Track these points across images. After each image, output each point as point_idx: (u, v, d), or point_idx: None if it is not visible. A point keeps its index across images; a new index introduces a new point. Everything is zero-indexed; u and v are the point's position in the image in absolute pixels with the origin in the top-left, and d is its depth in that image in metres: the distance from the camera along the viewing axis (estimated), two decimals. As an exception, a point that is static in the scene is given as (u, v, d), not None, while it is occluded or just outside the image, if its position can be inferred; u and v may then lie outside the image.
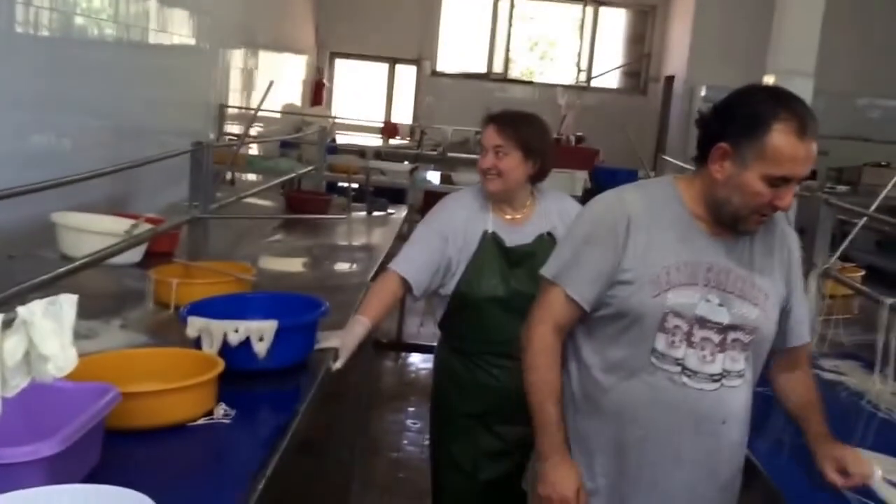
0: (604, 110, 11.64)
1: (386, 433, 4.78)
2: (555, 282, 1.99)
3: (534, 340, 2.03)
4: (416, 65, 12.96)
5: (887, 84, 11.04)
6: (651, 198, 1.97)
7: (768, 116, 1.79)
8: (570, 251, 1.99)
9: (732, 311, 1.92)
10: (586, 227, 1.99)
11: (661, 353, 1.90)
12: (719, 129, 1.88)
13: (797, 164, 1.80)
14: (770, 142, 1.78)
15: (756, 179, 1.82)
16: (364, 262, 4.30)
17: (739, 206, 1.86)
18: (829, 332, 3.12)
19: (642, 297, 1.89)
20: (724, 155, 1.86)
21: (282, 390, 2.29)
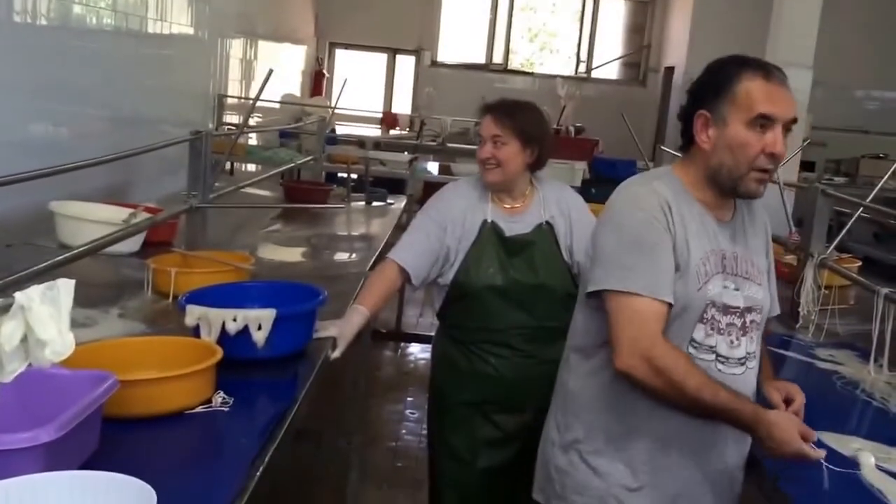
0: (603, 101, 11.63)
1: (384, 423, 4.79)
2: (648, 295, 1.82)
3: (663, 358, 1.80)
4: (415, 55, 12.94)
5: (885, 76, 11.05)
6: (668, 185, 1.95)
7: (733, 71, 1.87)
8: (640, 257, 1.85)
9: (745, 295, 1.95)
10: (641, 225, 1.87)
11: (698, 343, 1.90)
12: (695, 102, 1.93)
13: (772, 102, 1.84)
14: (740, 90, 1.85)
15: (740, 129, 1.85)
16: (363, 252, 4.31)
17: (734, 165, 1.88)
18: (825, 321, 3.13)
19: (688, 290, 1.87)
20: (705, 122, 1.90)
21: (280, 379, 2.30)
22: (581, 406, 2.02)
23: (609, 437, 1.98)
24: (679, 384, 1.78)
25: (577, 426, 2.02)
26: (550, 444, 2.10)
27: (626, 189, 1.97)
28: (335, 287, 3.30)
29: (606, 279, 1.87)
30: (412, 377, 5.66)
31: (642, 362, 1.79)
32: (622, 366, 1.82)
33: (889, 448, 2.12)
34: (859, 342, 2.99)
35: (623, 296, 1.84)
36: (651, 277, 1.83)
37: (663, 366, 1.78)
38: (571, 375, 2.06)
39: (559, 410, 2.10)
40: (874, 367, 2.70)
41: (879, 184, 3.26)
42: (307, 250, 4.26)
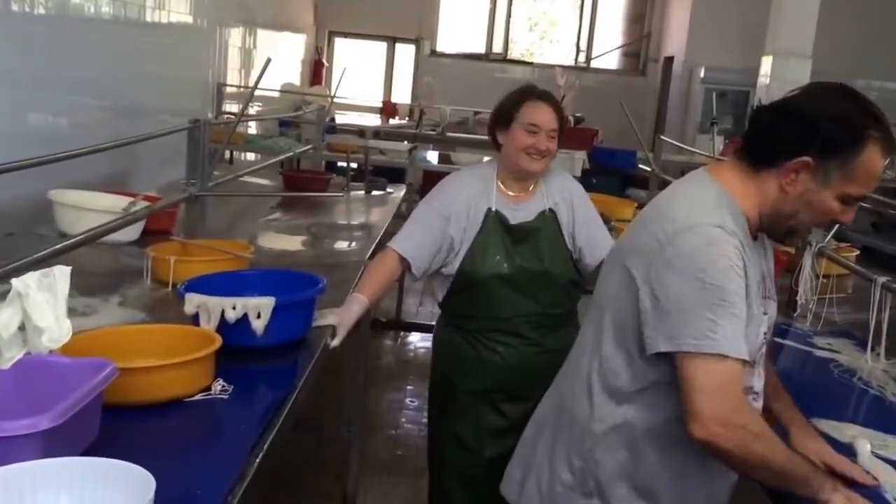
0: (603, 91, 11.61)
1: (385, 411, 4.80)
2: (731, 356, 1.62)
3: (753, 423, 1.65)
4: (415, 44, 12.92)
5: (885, 67, 11.03)
6: (735, 221, 1.72)
7: (863, 133, 1.64)
8: (723, 312, 1.63)
9: (769, 316, 1.85)
10: (724, 276, 1.64)
11: (755, 392, 1.83)
12: (798, 137, 1.68)
13: (875, 182, 1.69)
14: (861, 163, 1.64)
15: (832, 199, 1.68)
16: (362, 241, 4.31)
17: (804, 223, 1.75)
18: (823, 310, 3.14)
19: (753, 340, 1.73)
20: (804, 168, 1.68)
21: (279, 367, 2.30)
22: (609, 450, 1.84)
23: (637, 481, 1.83)
24: (769, 452, 1.65)
25: (603, 472, 1.85)
26: (560, 484, 1.92)
27: (699, 227, 1.68)
28: (335, 275, 3.31)
29: (684, 338, 1.64)
30: (412, 366, 5.67)
31: (728, 430, 1.61)
32: (702, 435, 1.62)
33: (885, 435, 2.13)
34: (857, 331, 2.99)
35: (705, 358, 1.62)
36: (736, 336, 1.63)
37: (755, 433, 1.63)
38: (596, 417, 1.85)
39: (573, 451, 1.90)
40: (871, 356, 2.71)
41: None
42: (306, 239, 4.26)
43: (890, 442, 2.10)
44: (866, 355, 2.72)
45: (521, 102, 2.79)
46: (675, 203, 1.79)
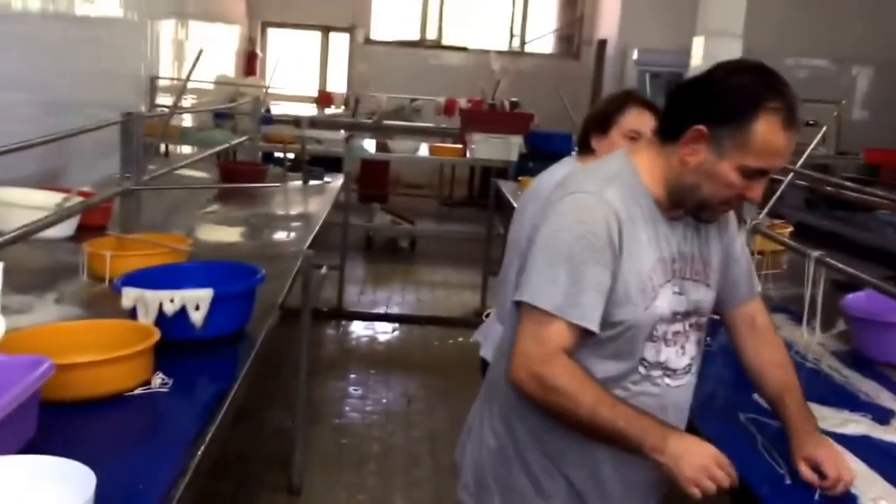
0: (538, 75, 11.67)
1: (328, 401, 4.78)
2: (556, 314, 1.67)
3: (555, 377, 1.67)
4: (349, 33, 12.84)
5: (813, 43, 11.27)
6: (623, 189, 1.74)
7: (755, 106, 1.63)
8: (564, 273, 1.68)
9: (689, 298, 1.83)
10: (577, 240, 1.68)
11: (649, 363, 1.79)
12: (697, 107, 1.70)
13: (778, 157, 1.67)
14: (754, 133, 1.63)
15: (732, 170, 1.67)
16: (301, 231, 4.30)
17: (709, 195, 1.72)
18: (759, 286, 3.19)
19: (635, 310, 1.73)
20: (699, 138, 1.68)
21: (219, 359, 2.29)
22: (522, 416, 1.85)
23: (550, 451, 1.83)
24: (571, 403, 1.66)
25: (519, 437, 1.86)
26: (487, 449, 1.93)
27: (576, 193, 1.74)
28: (274, 266, 3.28)
29: (526, 289, 1.71)
30: (355, 355, 5.66)
31: (531, 378, 1.68)
32: (512, 378, 1.72)
33: (822, 408, 2.17)
34: (793, 306, 3.05)
35: (533, 309, 1.69)
36: (570, 297, 1.67)
37: (553, 385, 1.66)
38: (510, 382, 1.81)
39: (496, 416, 1.92)
40: (807, 330, 2.76)
41: (808, 150, 3.33)
42: (245, 230, 4.23)
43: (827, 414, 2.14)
44: (802, 330, 2.78)
45: (625, 107, 2.67)
46: (577, 173, 1.85)
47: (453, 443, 2.12)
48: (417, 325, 6.34)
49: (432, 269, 8.12)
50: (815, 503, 1.74)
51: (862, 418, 2.16)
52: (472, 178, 10.83)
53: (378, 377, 5.24)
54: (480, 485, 1.94)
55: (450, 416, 4.60)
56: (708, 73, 1.73)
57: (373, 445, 4.29)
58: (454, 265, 8.05)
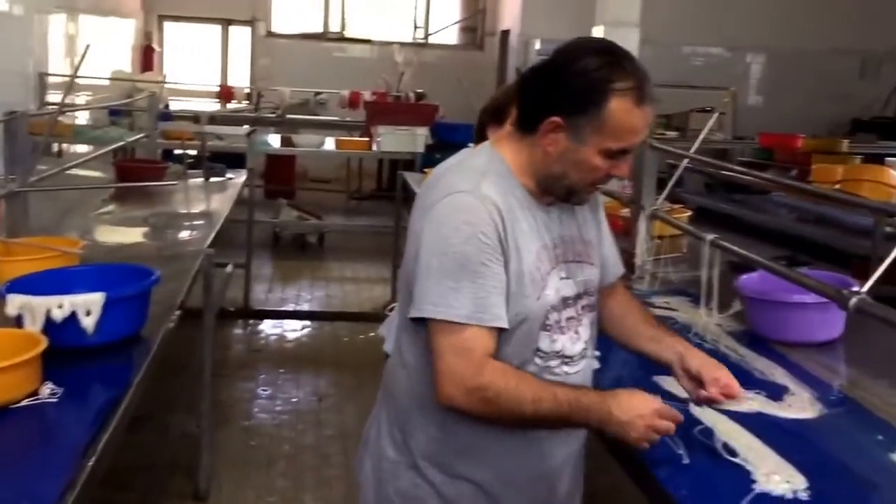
0: (442, 66, 11.68)
1: (236, 402, 4.70)
2: (470, 323, 1.64)
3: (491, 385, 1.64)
4: (250, 26, 12.64)
5: (708, 32, 11.54)
6: (496, 181, 1.73)
7: (605, 88, 1.63)
8: (465, 279, 1.64)
9: (577, 280, 1.83)
10: (467, 243, 1.65)
11: (544, 352, 1.77)
12: (549, 99, 1.69)
13: (636, 134, 1.68)
14: (609, 116, 1.64)
15: (594, 155, 1.68)
16: (203, 229, 4.22)
17: (576, 181, 1.73)
18: (658, 270, 3.24)
19: (527, 301, 1.71)
20: (556, 128, 1.68)
21: (114, 365, 2.23)
22: (421, 425, 1.81)
23: (453, 456, 1.80)
24: (515, 405, 1.65)
25: (419, 446, 1.82)
26: (386, 461, 1.87)
27: (453, 195, 1.70)
28: (173, 266, 3.22)
29: (427, 304, 1.66)
30: (264, 354, 5.57)
31: (466, 394, 1.64)
32: (443, 400, 1.66)
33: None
34: (691, 288, 3.10)
35: (445, 324, 1.64)
36: (478, 302, 1.64)
37: (493, 394, 1.64)
38: (409, 392, 1.83)
39: (394, 427, 1.87)
40: (705, 311, 2.80)
41: (701, 135, 3.38)
42: (145, 231, 4.13)
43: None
44: (700, 311, 2.82)
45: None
46: (447, 172, 1.81)
47: (365, 439, 2.08)
48: (327, 322, 6.27)
49: (341, 265, 8.05)
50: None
51: (756, 395, 2.19)
52: (381, 171, 10.78)
53: (288, 376, 5.17)
54: (381, 498, 1.89)
55: (361, 413, 4.54)
56: (552, 59, 1.71)
57: (283, 446, 4.22)
58: (363, 259, 7.99)
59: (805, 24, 11.27)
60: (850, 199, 3.97)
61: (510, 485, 1.82)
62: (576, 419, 1.69)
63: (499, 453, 1.79)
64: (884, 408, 2.19)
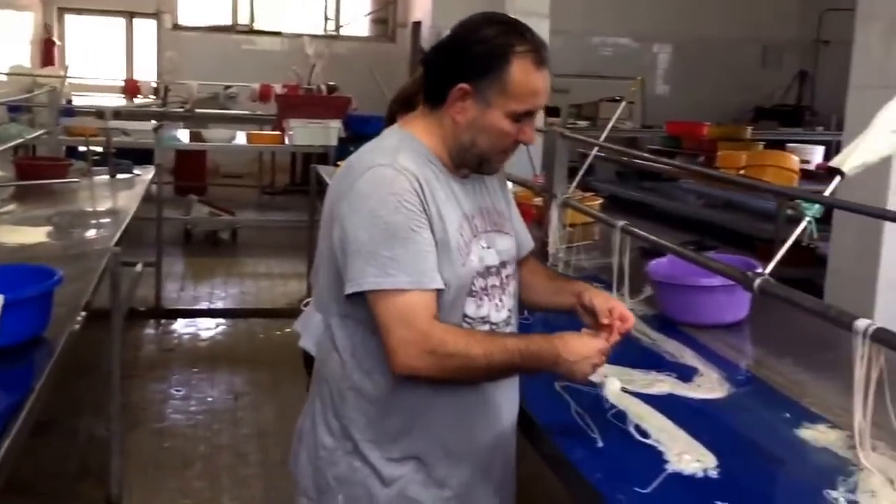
0: (354, 58, 11.60)
1: (149, 404, 4.59)
2: (411, 288, 1.69)
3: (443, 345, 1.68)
4: (155, 19, 12.37)
5: (616, 23, 11.71)
6: (412, 155, 1.80)
7: (505, 52, 1.74)
8: (399, 248, 1.70)
9: (498, 249, 1.90)
10: (395, 213, 1.71)
11: (471, 318, 1.83)
12: (455, 68, 1.78)
13: (538, 96, 1.78)
14: (511, 77, 1.74)
15: (501, 118, 1.77)
16: (110, 228, 4.11)
17: (486, 148, 1.81)
18: (571, 258, 3.27)
19: (454, 268, 1.77)
20: (464, 96, 1.77)
21: (14, 369, 2.15)
22: (357, 407, 1.84)
23: (392, 435, 1.83)
24: (468, 361, 1.70)
25: (357, 429, 1.84)
26: (323, 449, 1.88)
27: (372, 170, 1.76)
28: (80, 266, 3.14)
29: (366, 278, 1.70)
30: (176, 354, 5.46)
31: (424, 357, 1.68)
32: (402, 369, 1.70)
33: (631, 370, 2.24)
34: (604, 274, 3.13)
35: (388, 294, 1.69)
36: (415, 267, 1.70)
37: (445, 353, 1.69)
38: (342, 376, 1.85)
39: (329, 414, 1.88)
40: (617, 297, 2.83)
41: (610, 124, 3.42)
42: (48, 230, 4.00)
43: (636, 377, 2.21)
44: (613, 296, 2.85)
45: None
46: (362, 153, 1.87)
47: (282, 437, 2.07)
48: (242, 319, 6.19)
49: (255, 260, 7.95)
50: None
51: (667, 377, 2.24)
52: (294, 165, 10.69)
53: (202, 375, 5.08)
54: (321, 488, 1.90)
55: (278, 411, 4.52)
56: (452, 34, 1.83)
57: (198, 446, 4.15)
58: (278, 255, 7.89)
59: (709, 14, 11.53)
60: (755, 184, 4.07)
61: (450, 457, 1.86)
62: (527, 366, 1.78)
63: (438, 426, 1.83)
64: (788, 385, 2.25)
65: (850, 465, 1.76)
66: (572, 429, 1.92)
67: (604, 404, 1.99)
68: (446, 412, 1.83)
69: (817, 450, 1.86)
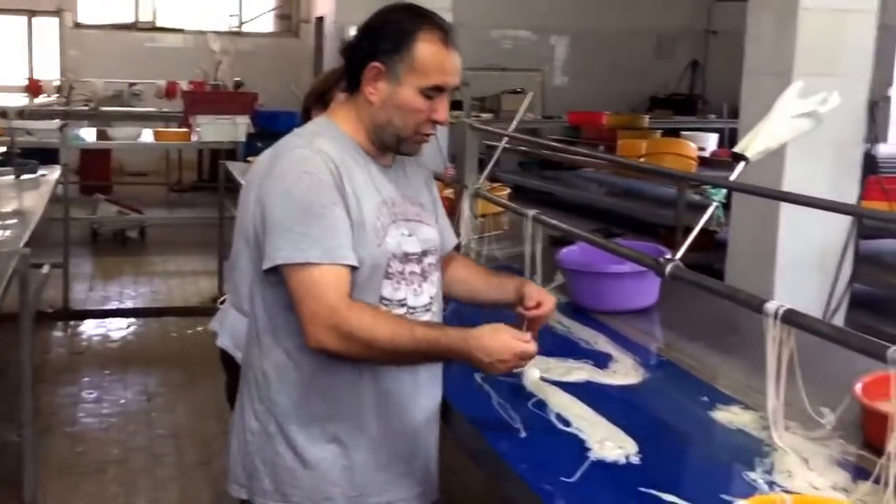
0: (259, 54, 11.49)
1: (59, 408, 4.50)
2: (323, 262, 1.74)
3: (348, 321, 1.72)
4: (57, 17, 12.04)
5: (515, 16, 11.84)
6: (331, 140, 1.87)
7: (413, 30, 1.83)
8: (312, 224, 1.75)
9: (420, 238, 1.94)
10: (309, 190, 1.77)
11: (388, 300, 1.87)
12: (368, 49, 1.86)
13: (446, 72, 1.85)
14: (418, 53, 1.82)
15: (412, 94, 1.84)
16: (17, 229, 4.02)
17: (401, 125, 1.87)
18: (483, 248, 3.32)
19: (369, 247, 1.82)
20: (377, 75, 1.85)
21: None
22: (281, 390, 1.88)
23: (315, 418, 1.87)
24: (371, 340, 1.73)
25: (280, 412, 1.88)
26: (251, 433, 1.92)
27: (289, 152, 1.85)
28: (-18, 270, 3.06)
29: (280, 252, 1.77)
30: (87, 356, 5.35)
31: (329, 333, 1.73)
32: (312, 342, 1.75)
33: (548, 359, 2.26)
34: (515, 264, 3.17)
35: (300, 268, 1.75)
36: (327, 242, 1.76)
37: (349, 329, 1.72)
38: (265, 359, 1.89)
39: (255, 398, 1.91)
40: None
41: (518, 116, 3.48)
42: (-50, 235, 3.89)
43: (553, 365, 2.25)
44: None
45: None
46: (284, 140, 1.93)
47: (198, 437, 2.06)
48: (153, 318, 6.11)
49: (165, 258, 7.83)
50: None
51: (584, 365, 2.28)
52: (201, 162, 10.56)
53: (114, 377, 5.00)
54: (249, 472, 1.93)
55: (193, 410, 4.47)
56: (366, 23, 1.92)
57: (112, 450, 4.08)
58: (188, 252, 7.79)
59: (604, 6, 11.68)
60: (657, 170, 4.17)
61: (372, 442, 1.89)
62: (435, 357, 1.85)
63: (360, 410, 1.87)
64: (700, 368, 2.32)
65: (765, 446, 1.80)
66: (495, 420, 1.95)
67: (524, 394, 2.03)
68: (369, 397, 1.88)
69: (732, 431, 1.90)
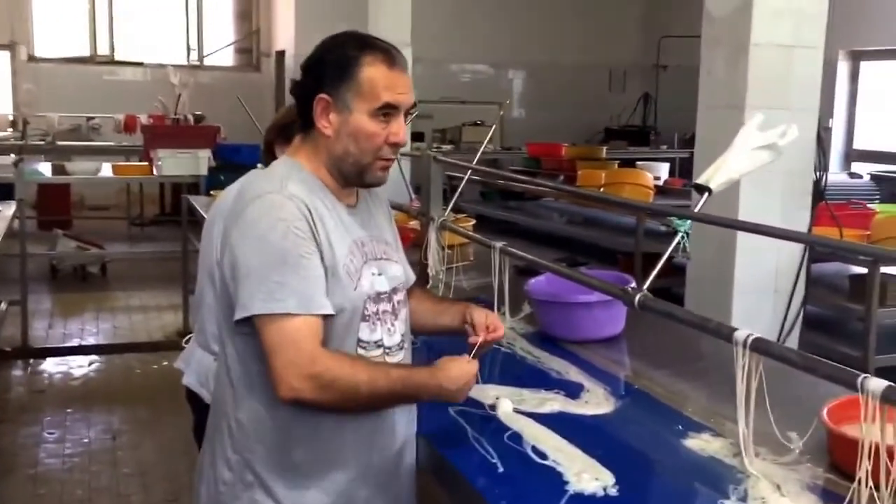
0: (220, 87, 11.45)
1: (19, 449, 4.42)
2: (299, 313, 1.72)
3: (328, 371, 1.72)
4: (9, 50, 11.93)
5: (473, 51, 12.20)
6: (300, 184, 1.84)
7: (356, 55, 1.82)
8: (288, 273, 1.73)
9: (389, 276, 1.94)
10: (284, 238, 1.74)
11: (366, 342, 1.87)
12: (314, 83, 1.86)
13: (395, 91, 1.83)
14: (364, 77, 1.81)
15: (364, 119, 1.82)
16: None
17: (359, 154, 1.84)
18: (451, 279, 3.32)
19: (345, 292, 1.81)
20: (326, 107, 1.83)
21: None
22: (258, 440, 1.84)
23: (295, 465, 1.84)
24: (352, 388, 1.73)
25: (258, 461, 1.84)
26: (223, 483, 1.87)
27: (259, 198, 1.80)
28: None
29: (253, 302, 1.73)
30: (48, 395, 5.28)
31: (306, 382, 1.70)
32: (287, 393, 1.71)
33: (521, 390, 2.28)
34: (483, 294, 3.18)
35: (277, 318, 1.72)
36: (304, 293, 1.73)
37: (332, 378, 1.71)
38: (239, 409, 1.85)
39: (227, 448, 1.87)
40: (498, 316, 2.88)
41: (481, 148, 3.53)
42: None
43: (526, 396, 2.25)
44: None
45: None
46: (251, 181, 1.91)
47: (165, 474, 2.04)
48: (117, 355, 6.05)
49: (128, 294, 7.77)
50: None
51: (556, 395, 2.27)
52: (163, 196, 10.50)
53: (77, 416, 4.94)
54: None
55: (159, 447, 4.42)
56: (308, 57, 1.91)
57: (76, 491, 4.03)
58: (151, 287, 7.75)
59: (558, 41, 12.12)
60: (619, 202, 4.22)
61: (350, 482, 1.87)
62: (409, 395, 1.86)
63: (342, 455, 1.85)
64: (669, 396, 2.33)
65: (738, 473, 1.81)
66: (471, 454, 1.94)
67: (499, 427, 2.03)
68: (349, 438, 1.85)
69: (705, 459, 1.91)
